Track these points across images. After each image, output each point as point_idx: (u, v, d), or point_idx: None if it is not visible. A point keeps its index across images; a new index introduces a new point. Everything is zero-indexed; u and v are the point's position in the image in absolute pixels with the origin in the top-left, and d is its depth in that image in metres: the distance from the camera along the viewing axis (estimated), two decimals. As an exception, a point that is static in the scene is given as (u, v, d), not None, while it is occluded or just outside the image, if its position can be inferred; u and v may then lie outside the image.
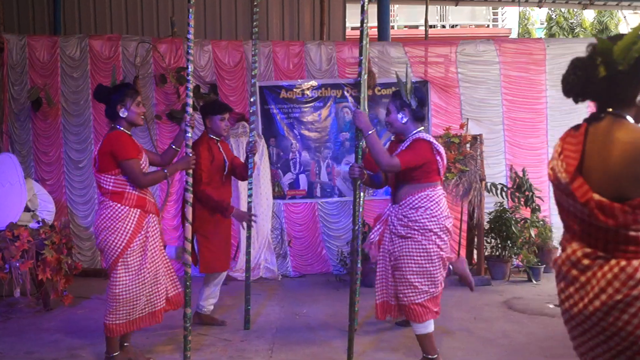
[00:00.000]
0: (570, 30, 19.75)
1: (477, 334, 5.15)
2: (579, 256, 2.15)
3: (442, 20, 18.05)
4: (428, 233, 4.08)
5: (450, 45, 8.30)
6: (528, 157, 8.09)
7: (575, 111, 8.16)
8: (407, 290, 4.12)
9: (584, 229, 2.14)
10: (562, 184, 2.17)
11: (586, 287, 2.13)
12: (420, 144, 4.12)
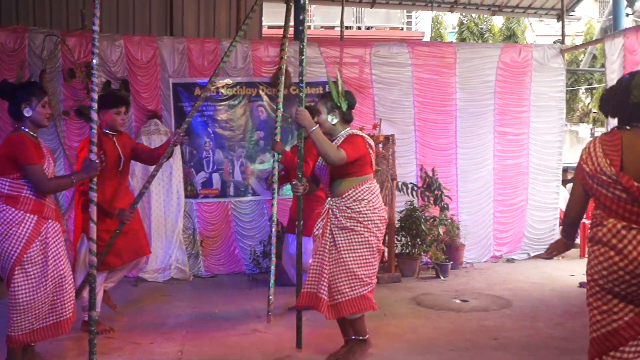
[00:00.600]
0: (480, 35, 20.43)
1: (386, 330, 5.27)
2: (618, 228, 2.95)
3: (358, 21, 18.29)
4: (370, 225, 4.25)
5: (365, 46, 8.45)
6: (438, 157, 8.36)
7: (482, 114, 8.55)
8: (353, 282, 4.22)
9: (620, 207, 2.96)
10: (608, 175, 2.97)
11: (623, 251, 2.91)
12: (356, 138, 4.31)
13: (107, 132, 5.13)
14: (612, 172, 2.96)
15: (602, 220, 3.03)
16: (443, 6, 10.37)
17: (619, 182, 2.94)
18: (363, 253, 4.26)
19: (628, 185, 2.91)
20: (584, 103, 21.46)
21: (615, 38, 7.57)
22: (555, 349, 4.78)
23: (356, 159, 4.24)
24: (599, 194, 3.05)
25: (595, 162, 3.03)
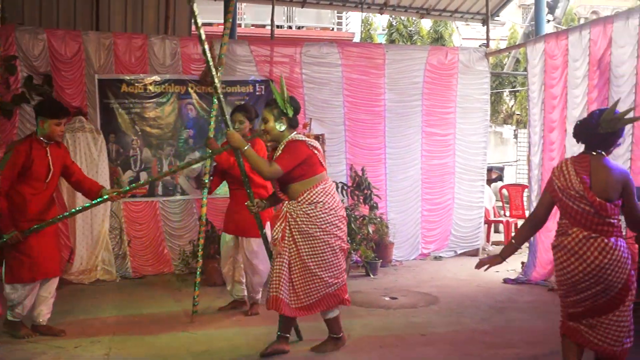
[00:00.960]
0: (409, 38, 20.77)
1: (317, 328, 5.27)
2: (580, 237, 3.60)
3: (289, 21, 18.25)
4: (328, 227, 4.40)
5: (295, 46, 8.45)
6: (367, 157, 8.46)
7: (410, 114, 8.71)
8: (318, 284, 4.40)
9: (583, 218, 3.61)
10: (577, 191, 3.62)
11: (583, 256, 3.57)
12: (294, 144, 4.42)
13: (42, 140, 4.89)
14: (581, 188, 3.62)
15: (567, 229, 3.68)
16: (373, 8, 10.48)
17: (585, 198, 3.60)
18: (324, 256, 4.41)
19: (592, 200, 3.57)
20: (508, 105, 22.18)
21: (536, 43, 7.84)
22: (480, 343, 4.92)
23: (296, 165, 4.36)
24: (566, 206, 3.69)
25: (567, 179, 3.69)
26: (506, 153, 17.62)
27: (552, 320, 5.53)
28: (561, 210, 3.74)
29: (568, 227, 3.68)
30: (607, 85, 6.60)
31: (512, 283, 7.25)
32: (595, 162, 3.69)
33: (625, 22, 6.40)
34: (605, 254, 3.56)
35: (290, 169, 4.35)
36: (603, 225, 3.60)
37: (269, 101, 4.63)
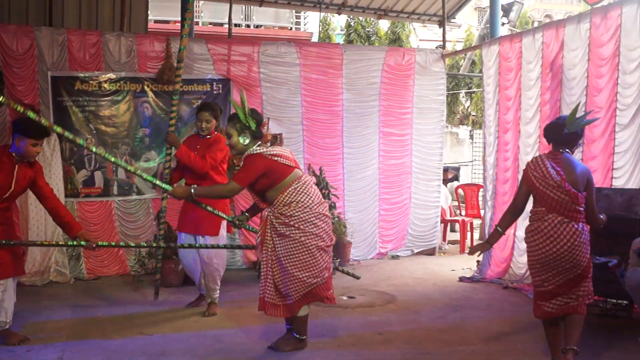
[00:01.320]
0: (367, 38, 20.91)
1: (274, 329, 5.26)
2: (555, 222, 4.10)
3: (247, 20, 18.19)
4: (304, 225, 4.42)
5: (253, 45, 8.41)
6: (325, 157, 8.47)
7: (367, 114, 8.76)
8: (298, 284, 4.44)
9: (559, 205, 4.10)
10: (555, 181, 4.10)
11: (557, 238, 4.07)
12: (250, 159, 4.47)
13: (13, 156, 4.68)
14: (559, 179, 4.09)
15: (544, 215, 4.15)
16: (331, 8, 10.52)
17: (562, 187, 4.07)
18: (301, 257, 4.43)
19: (567, 190, 4.07)
20: (464, 106, 22.52)
21: (491, 45, 7.98)
22: (437, 340, 4.98)
23: (255, 179, 4.46)
24: (544, 194, 4.15)
25: (544, 171, 4.15)
26: (462, 153, 17.88)
27: (507, 317, 5.67)
28: (538, 198, 4.21)
29: (544, 213, 4.15)
30: (559, 87, 6.76)
31: (467, 281, 7.36)
32: (565, 158, 4.19)
33: (577, 26, 6.56)
34: (575, 237, 4.08)
35: (249, 183, 4.47)
36: (574, 212, 4.11)
37: (231, 116, 4.68)
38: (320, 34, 19.78)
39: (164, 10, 16.17)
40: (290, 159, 4.60)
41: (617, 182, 6.02)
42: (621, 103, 6.05)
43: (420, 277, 7.64)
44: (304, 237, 4.43)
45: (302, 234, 4.43)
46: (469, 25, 21.81)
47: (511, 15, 11.85)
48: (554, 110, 6.82)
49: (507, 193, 7.53)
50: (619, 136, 6.07)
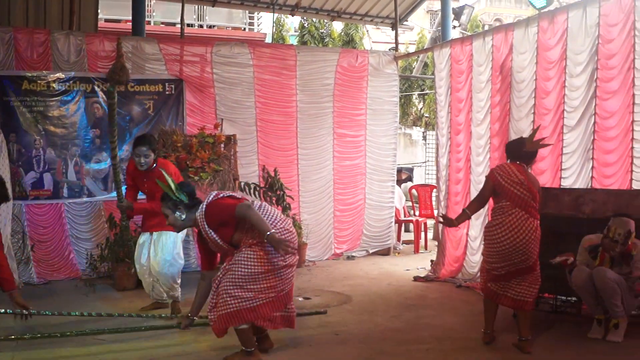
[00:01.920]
0: (321, 40, 20.98)
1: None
2: (519, 216, 4.65)
3: (200, 19, 18.00)
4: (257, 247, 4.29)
5: (206, 45, 8.34)
6: (279, 158, 8.46)
7: (321, 115, 8.80)
8: (228, 300, 4.25)
9: (523, 202, 4.68)
10: (521, 182, 4.69)
11: (519, 232, 4.63)
12: (213, 206, 4.31)
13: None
14: (524, 180, 4.71)
15: (509, 209, 4.69)
16: (284, 9, 10.51)
17: (526, 186, 4.69)
18: (239, 273, 4.26)
19: (530, 188, 4.70)
20: (417, 108, 22.80)
21: (443, 48, 8.10)
22: (392, 340, 5.02)
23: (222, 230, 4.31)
24: (510, 192, 4.70)
25: (512, 173, 4.75)
26: (415, 154, 18.10)
27: (461, 316, 5.75)
28: (503, 194, 4.75)
29: (509, 207, 4.70)
30: (508, 89, 6.91)
31: (422, 281, 7.44)
32: (524, 169, 4.84)
33: (525, 30, 6.72)
34: (532, 231, 4.66)
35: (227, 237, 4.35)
36: (533, 209, 4.70)
37: (162, 197, 4.49)
38: (274, 35, 19.72)
39: (114, 9, 15.89)
40: (232, 194, 4.57)
41: (566, 182, 6.19)
42: (568, 105, 6.22)
43: (375, 277, 7.70)
44: (258, 248, 4.30)
45: (256, 246, 4.30)
46: (422, 28, 22.10)
47: (462, 18, 12.04)
48: (504, 112, 6.97)
49: (459, 193, 7.65)
50: (567, 137, 6.23)
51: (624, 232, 4.77)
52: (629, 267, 4.84)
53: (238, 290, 4.27)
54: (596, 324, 5.00)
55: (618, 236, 4.78)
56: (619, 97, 5.74)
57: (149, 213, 5.71)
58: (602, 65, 5.88)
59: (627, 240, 4.78)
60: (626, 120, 5.67)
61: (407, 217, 10.63)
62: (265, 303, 4.34)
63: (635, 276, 4.81)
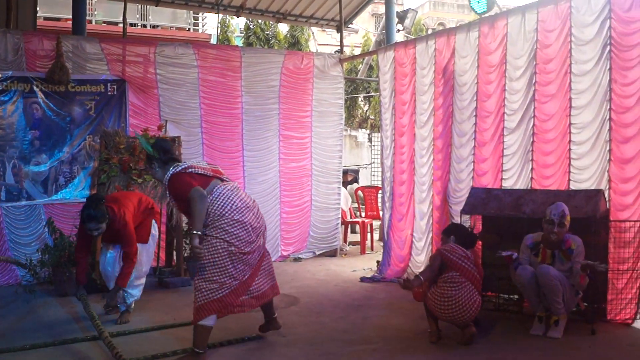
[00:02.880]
0: (266, 41, 20.93)
1: (176, 334, 5.17)
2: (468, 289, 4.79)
3: (143, 19, 17.70)
4: (216, 231, 4.41)
5: (149, 45, 8.21)
6: (225, 160, 8.38)
7: (267, 117, 8.79)
8: (196, 292, 4.42)
9: (469, 274, 4.82)
10: (467, 255, 4.93)
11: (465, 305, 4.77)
12: (175, 178, 4.52)
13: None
14: (469, 255, 4.97)
15: (458, 279, 4.83)
16: (229, 10, 10.45)
17: (471, 259, 4.96)
18: (204, 264, 4.39)
19: (475, 261, 5.04)
20: (363, 110, 23.00)
21: (387, 51, 8.20)
22: (339, 341, 5.04)
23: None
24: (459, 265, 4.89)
25: (459, 249, 4.95)
26: (361, 156, 18.23)
27: (407, 316, 5.82)
28: (452, 267, 4.88)
29: (459, 277, 4.84)
30: (451, 92, 7.04)
31: (368, 281, 7.50)
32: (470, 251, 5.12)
33: (467, 34, 6.86)
34: (476, 306, 4.84)
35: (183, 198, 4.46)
36: (478, 283, 4.92)
37: (146, 154, 4.84)
38: (219, 36, 19.60)
39: (54, 7, 15.49)
40: (206, 168, 4.65)
41: (507, 183, 6.35)
42: (509, 108, 6.39)
43: (322, 278, 7.72)
44: (214, 239, 4.41)
45: (213, 237, 4.42)
46: (367, 31, 22.32)
47: (406, 22, 12.21)
48: (446, 114, 7.10)
49: (403, 194, 7.76)
50: (507, 139, 6.40)
51: (558, 212, 4.98)
52: (570, 262, 5.01)
53: (205, 283, 4.40)
54: (537, 320, 5.14)
55: (553, 216, 4.98)
56: (557, 101, 5.92)
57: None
58: (541, 70, 6.07)
59: (563, 220, 4.95)
60: (564, 123, 5.86)
61: (353, 218, 10.70)
62: (229, 292, 4.47)
63: (577, 269, 4.97)
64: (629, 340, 4.94)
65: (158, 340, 4.98)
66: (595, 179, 5.59)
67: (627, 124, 5.33)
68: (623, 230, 5.28)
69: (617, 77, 5.40)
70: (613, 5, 5.40)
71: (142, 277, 5.81)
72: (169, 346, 4.75)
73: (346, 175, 11.16)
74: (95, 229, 5.35)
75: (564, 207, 5.01)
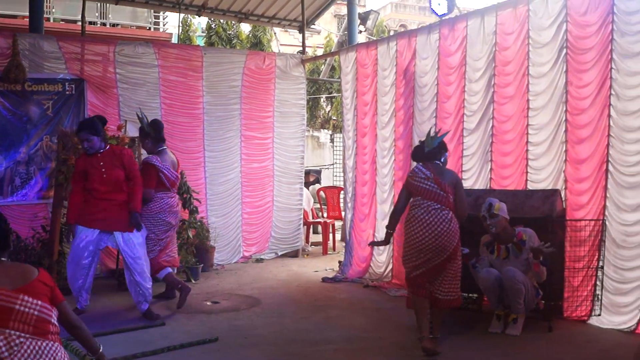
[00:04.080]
0: (229, 41, 20.78)
1: (135, 337, 5.10)
2: (430, 208, 4.77)
3: (103, 17, 17.39)
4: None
5: (108, 44, 8.08)
6: (186, 161, 8.25)
7: (229, 118, 8.74)
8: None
9: (431, 194, 4.80)
10: (426, 175, 4.86)
11: (432, 224, 4.71)
12: (145, 168, 6.13)
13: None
14: (429, 173, 4.87)
15: (421, 202, 4.82)
16: (191, 9, 10.34)
17: (431, 178, 4.83)
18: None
19: (436, 179, 4.83)
20: (325, 110, 23.02)
21: (349, 52, 8.23)
22: (301, 341, 5.05)
23: None
24: (418, 187, 4.87)
25: (416, 171, 4.95)
26: (323, 157, 18.25)
27: (368, 315, 5.86)
28: (415, 192, 4.91)
29: (421, 200, 4.84)
30: (412, 94, 7.11)
31: (330, 282, 7.52)
32: (433, 165, 4.95)
33: (427, 36, 6.94)
34: (445, 222, 4.73)
35: None
36: (445, 200, 4.80)
37: (140, 127, 6.39)
38: (180, 35, 19.41)
39: (10, 4, 15.11)
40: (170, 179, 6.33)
41: (466, 183, 6.43)
42: (468, 109, 6.48)
43: (285, 279, 7.71)
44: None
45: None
46: (329, 31, 22.35)
47: (368, 23, 12.24)
48: (407, 115, 7.16)
49: (365, 195, 7.80)
50: (467, 140, 6.49)
51: (486, 206, 5.18)
52: (524, 254, 5.13)
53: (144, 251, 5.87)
54: (496, 319, 5.23)
55: (484, 212, 5.19)
56: (515, 102, 6.03)
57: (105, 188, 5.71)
58: (499, 72, 6.17)
59: (492, 211, 5.14)
60: (521, 124, 5.97)
61: (316, 219, 10.71)
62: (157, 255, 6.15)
63: (531, 259, 5.09)
64: (584, 337, 5.06)
65: (118, 344, 4.90)
66: (552, 179, 5.71)
67: (582, 125, 5.46)
68: (578, 229, 5.40)
69: (572, 79, 5.52)
70: (569, 10, 5.53)
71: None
72: (129, 349, 4.69)
73: (308, 176, 11.16)
74: (86, 139, 5.60)
75: (491, 200, 5.21)
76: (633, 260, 5.08)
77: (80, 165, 5.75)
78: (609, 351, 4.69)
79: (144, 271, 5.71)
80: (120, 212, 5.68)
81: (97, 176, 5.66)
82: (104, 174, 5.67)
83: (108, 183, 5.67)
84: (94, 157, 5.71)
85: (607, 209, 5.27)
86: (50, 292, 2.72)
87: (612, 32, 5.20)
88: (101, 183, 5.66)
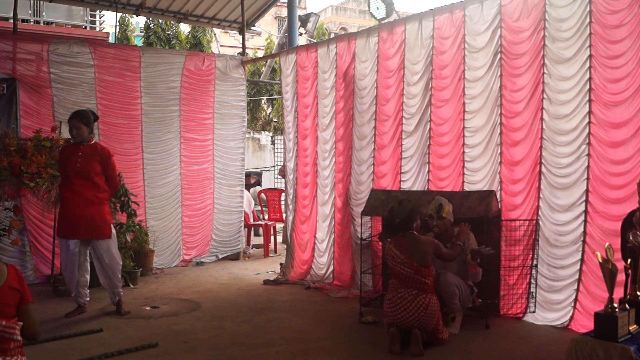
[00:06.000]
0: (167, 41, 20.49)
1: (72, 345, 4.97)
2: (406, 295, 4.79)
3: (36, 15, 16.88)
4: None
5: (42, 42, 7.83)
6: (124, 163, 8.08)
7: (167, 119, 8.62)
8: None
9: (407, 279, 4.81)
10: (401, 259, 4.84)
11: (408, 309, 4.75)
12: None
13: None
14: (404, 259, 4.81)
15: (397, 287, 4.83)
16: (128, 8, 10.14)
17: (406, 262, 4.79)
18: None
19: (411, 264, 4.78)
20: (266, 112, 22.98)
21: (289, 54, 8.24)
22: (242, 345, 5.02)
23: None
24: (395, 271, 4.87)
25: (392, 253, 4.88)
26: (264, 159, 18.22)
27: (309, 318, 5.88)
28: (392, 273, 4.93)
29: (398, 285, 4.86)
30: (352, 96, 7.17)
31: (271, 284, 7.50)
32: (409, 239, 4.89)
33: (367, 39, 7.01)
34: (422, 308, 4.72)
35: None
36: (421, 284, 4.76)
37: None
38: (118, 34, 19.02)
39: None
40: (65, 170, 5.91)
41: (405, 184, 6.53)
42: (406, 112, 6.58)
43: (225, 282, 7.65)
44: None
45: None
46: (269, 33, 22.33)
47: (308, 26, 12.31)
48: (347, 117, 7.22)
49: (307, 197, 7.82)
50: (405, 142, 6.59)
51: (435, 206, 5.41)
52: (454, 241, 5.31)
53: None
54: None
55: (431, 211, 5.41)
56: (451, 105, 6.16)
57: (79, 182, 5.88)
58: (436, 75, 6.29)
59: (440, 212, 5.37)
60: (458, 127, 6.10)
61: (257, 221, 10.67)
62: None
63: (468, 260, 5.25)
64: (519, 333, 5.21)
65: (53, 351, 4.77)
66: (488, 180, 5.86)
67: (516, 128, 5.63)
68: (513, 229, 5.57)
69: (507, 83, 5.69)
70: (503, 15, 5.69)
71: None
72: (65, 357, 4.56)
73: (249, 178, 11.11)
74: (75, 127, 5.86)
75: (441, 201, 5.41)
76: (565, 258, 5.27)
77: (62, 153, 5.99)
78: (543, 346, 4.85)
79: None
80: (94, 217, 5.83)
81: (72, 164, 5.85)
82: (78, 162, 5.84)
83: (81, 173, 5.83)
84: (77, 147, 5.94)
85: (541, 209, 5.45)
86: (19, 296, 2.61)
87: (544, 38, 5.38)
88: (75, 172, 5.82)
